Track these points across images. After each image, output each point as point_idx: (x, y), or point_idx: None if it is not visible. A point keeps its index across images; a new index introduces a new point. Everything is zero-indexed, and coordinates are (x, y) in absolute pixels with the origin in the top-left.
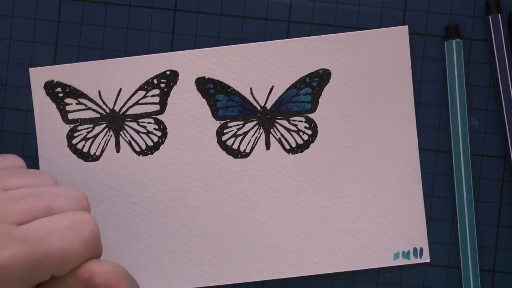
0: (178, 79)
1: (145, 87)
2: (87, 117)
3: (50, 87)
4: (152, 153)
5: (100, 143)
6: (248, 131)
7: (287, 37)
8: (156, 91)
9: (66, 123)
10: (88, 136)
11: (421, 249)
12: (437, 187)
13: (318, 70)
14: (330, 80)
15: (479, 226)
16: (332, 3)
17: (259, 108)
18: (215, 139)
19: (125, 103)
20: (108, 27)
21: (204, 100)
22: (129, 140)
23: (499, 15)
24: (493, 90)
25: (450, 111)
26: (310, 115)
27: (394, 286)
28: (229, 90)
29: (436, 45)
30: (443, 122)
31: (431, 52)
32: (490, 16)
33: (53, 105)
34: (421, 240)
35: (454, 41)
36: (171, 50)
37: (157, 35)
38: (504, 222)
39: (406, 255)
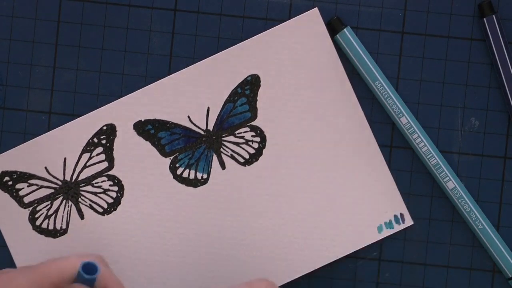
0: (116, 131)
1: (88, 148)
2: (42, 196)
3: None
4: (115, 209)
5: (62, 216)
6: (200, 157)
7: None
8: (100, 149)
9: (24, 208)
10: (49, 213)
11: (402, 215)
12: (436, 187)
13: (246, 77)
14: (261, 83)
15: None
16: (332, 3)
17: (202, 132)
18: (171, 176)
19: (74, 170)
20: (108, 27)
21: (147, 143)
22: (89, 204)
23: (494, 16)
24: (493, 90)
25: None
26: (253, 123)
27: (394, 286)
28: (168, 125)
29: (436, 45)
30: (443, 122)
31: (431, 52)
32: (485, 19)
33: (6, 195)
34: (399, 206)
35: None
36: (171, 50)
37: (157, 35)
38: (504, 222)
39: (388, 225)
